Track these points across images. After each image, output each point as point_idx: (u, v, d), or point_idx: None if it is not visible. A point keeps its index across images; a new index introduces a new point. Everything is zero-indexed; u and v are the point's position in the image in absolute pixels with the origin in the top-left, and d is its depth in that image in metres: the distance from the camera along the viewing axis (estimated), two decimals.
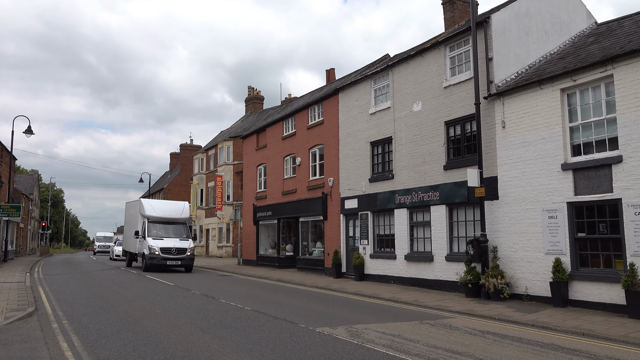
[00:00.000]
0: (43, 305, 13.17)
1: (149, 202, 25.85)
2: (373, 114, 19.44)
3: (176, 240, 24.50)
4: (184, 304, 13.29)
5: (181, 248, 24.13)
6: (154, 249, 23.65)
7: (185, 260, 24.07)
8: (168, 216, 25.37)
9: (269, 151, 27.47)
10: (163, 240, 24.13)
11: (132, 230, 26.79)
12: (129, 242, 28.30)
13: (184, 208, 26.17)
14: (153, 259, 23.55)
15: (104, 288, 17.19)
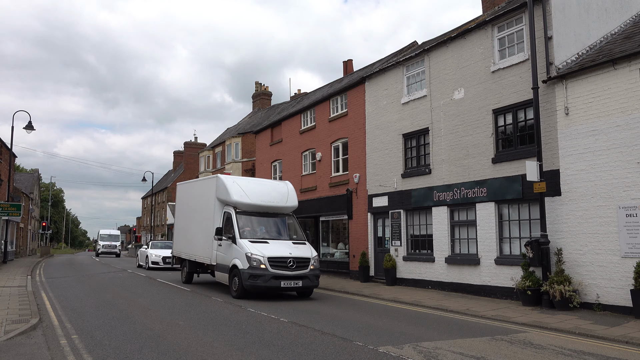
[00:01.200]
0: (48, 316, 11.57)
1: (235, 182, 15.77)
2: (406, 104, 17.85)
3: (288, 244, 14.74)
4: (206, 313, 11.69)
5: (301, 258, 14.14)
6: (258, 260, 13.70)
7: (308, 279, 14.16)
8: (268, 203, 15.50)
9: (285, 146, 25.86)
10: (269, 245, 14.31)
11: (192, 225, 17.85)
12: (189, 243, 18.00)
13: (288, 191, 16.40)
14: (257, 277, 13.57)
15: (113, 294, 15.59)
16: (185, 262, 18.65)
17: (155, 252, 26.97)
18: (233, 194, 15.13)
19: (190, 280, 18.77)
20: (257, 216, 15.39)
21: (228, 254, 14.64)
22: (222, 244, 15.12)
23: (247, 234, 14.69)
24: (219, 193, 15.62)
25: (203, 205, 16.78)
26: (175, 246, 19.96)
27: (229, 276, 14.54)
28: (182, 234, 19.04)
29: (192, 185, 19.13)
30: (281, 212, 15.93)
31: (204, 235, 16.46)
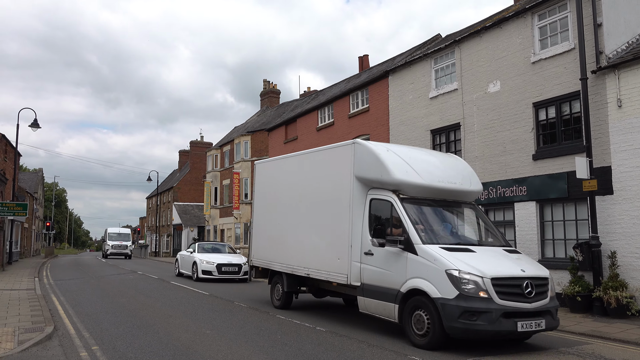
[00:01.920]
0: (63, 323, 10.73)
1: (391, 150, 9.81)
2: (434, 98, 16.98)
3: (502, 253, 8.93)
4: (232, 320, 10.82)
5: (538, 278, 8.27)
6: (474, 283, 7.74)
7: (550, 315, 8.29)
8: (450, 185, 9.70)
9: (301, 144, 24.98)
10: (478, 256, 8.42)
11: (295, 222, 11.82)
12: (290, 249, 12.08)
13: (466, 167, 10.66)
14: (475, 313, 7.63)
15: (128, 298, 14.73)
16: (280, 277, 12.35)
17: (207, 258, 20.54)
18: (393, 170, 8.98)
19: (289, 303, 12.43)
20: (434, 206, 9.32)
21: (395, 269, 8.54)
22: (376, 252, 8.95)
23: (433, 237, 8.59)
24: (361, 169, 9.52)
25: (323, 190, 10.60)
26: (256, 251, 13.66)
27: (398, 308, 8.42)
28: (271, 234, 12.84)
29: (292, 162, 12.41)
30: (464, 199, 9.92)
31: (326, 237, 10.32)
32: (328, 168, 10.67)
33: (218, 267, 20.08)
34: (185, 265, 21.90)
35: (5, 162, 36.95)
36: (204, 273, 20.04)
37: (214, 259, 20.40)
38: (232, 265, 20.39)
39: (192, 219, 54.71)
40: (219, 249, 22.60)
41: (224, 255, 21.21)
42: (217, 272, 20.01)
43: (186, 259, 21.99)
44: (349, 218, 9.61)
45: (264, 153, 38.35)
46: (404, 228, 8.58)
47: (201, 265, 20.20)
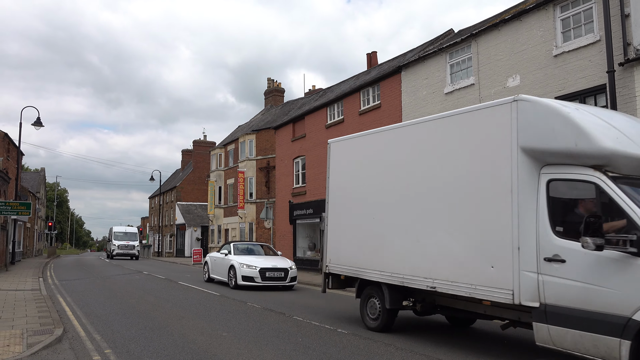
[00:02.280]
0: (72, 325, 10.32)
1: (581, 109, 6.73)
2: (449, 94, 16.56)
3: None
4: (249, 321, 10.42)
5: None
6: None
7: None
8: None
9: (309, 142, 24.58)
10: None
11: (401, 215, 8.85)
12: (393, 253, 8.99)
13: None
14: None
15: (136, 298, 14.32)
16: (378, 290, 9.47)
17: (247, 261, 16.96)
18: (598, 136, 6.11)
19: (391, 324, 9.49)
20: None
21: (618, 285, 5.60)
22: (573, 258, 6.02)
23: None
24: (533, 136, 6.62)
25: (458, 171, 7.73)
26: (334, 255, 10.65)
27: (630, 347, 5.39)
28: (361, 233, 9.80)
29: (394, 137, 9.27)
30: None
31: (466, 236, 7.48)
32: (467, 139, 7.63)
33: (261, 272, 16.37)
34: (219, 269, 18.31)
35: (8, 161, 36.57)
36: (244, 279, 16.41)
37: (256, 263, 16.67)
38: (278, 270, 16.71)
39: (196, 219, 54.31)
40: (254, 249, 19.05)
41: (266, 258, 17.62)
42: (260, 278, 16.36)
43: (219, 262, 18.31)
44: (510, 208, 6.62)
45: (269, 152, 37.95)
46: (631, 222, 5.57)
47: (241, 270, 16.51)
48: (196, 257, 33.70)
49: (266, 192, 37.74)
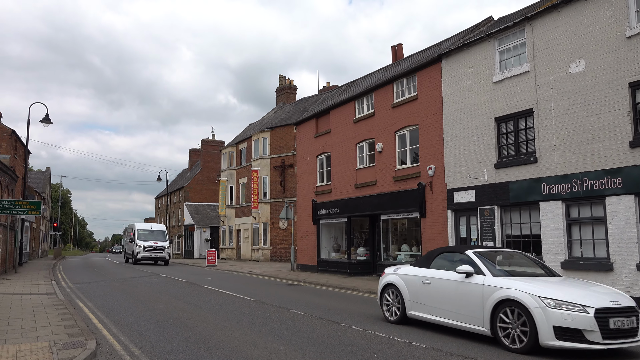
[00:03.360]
0: (102, 335, 9.10)
1: None
2: (499, 83, 15.32)
3: None
4: (303, 332, 9.18)
5: None
6: None
7: None
8: None
9: (335, 137, 23.34)
10: None
11: None
12: None
13: None
14: None
15: (164, 304, 13.09)
16: None
17: (558, 295, 7.34)
18: None
19: None
20: None
21: None
22: None
23: None
24: None
25: None
26: None
27: None
28: None
29: None
30: None
31: None
32: None
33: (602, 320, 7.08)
34: (439, 301, 9.12)
35: (15, 159, 35.36)
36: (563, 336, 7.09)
37: (582, 299, 7.28)
38: None
39: (205, 220, 53.09)
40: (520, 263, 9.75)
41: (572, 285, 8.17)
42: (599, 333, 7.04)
43: (438, 287, 9.12)
44: None
45: (284, 150, 36.77)
46: None
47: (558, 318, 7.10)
48: (210, 258, 32.45)
49: (281, 192, 36.55)
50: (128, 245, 37.90)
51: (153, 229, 36.35)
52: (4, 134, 33.98)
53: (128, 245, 37.90)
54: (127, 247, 38.31)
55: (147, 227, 36.64)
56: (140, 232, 35.32)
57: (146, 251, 33.24)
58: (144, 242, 33.80)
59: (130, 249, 35.95)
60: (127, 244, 38.46)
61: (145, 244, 33.49)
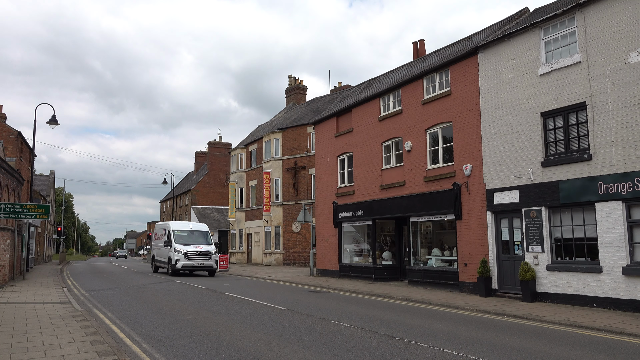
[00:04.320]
0: (134, 353, 8.14)
1: None
2: (545, 75, 14.30)
3: None
4: (364, 350, 8.15)
5: None
6: None
7: None
8: None
9: (358, 137, 22.32)
10: None
11: None
12: None
13: None
14: None
15: (191, 314, 12.06)
16: None
17: None
18: None
19: None
20: None
21: None
22: None
23: None
24: None
25: None
26: None
27: None
28: None
29: None
30: None
31: None
32: None
33: None
34: None
35: (21, 162, 34.40)
36: None
37: None
38: None
39: (212, 223, 52.03)
40: None
41: None
42: None
43: None
44: None
45: (296, 151, 35.77)
46: None
47: None
48: (222, 263, 31.38)
49: (294, 194, 35.53)
50: (160, 250, 28.75)
51: (193, 229, 28.25)
52: (10, 135, 33.01)
53: (160, 250, 28.75)
54: (158, 252, 29.20)
55: (186, 227, 28.58)
56: (177, 233, 27.11)
57: (188, 258, 25.53)
58: (185, 246, 26.00)
59: (164, 255, 27.53)
60: (158, 249, 29.19)
61: (186, 249, 25.72)
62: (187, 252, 25.57)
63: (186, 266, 25.47)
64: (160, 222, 32.68)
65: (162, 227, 29.70)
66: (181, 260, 25.44)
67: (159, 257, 28.87)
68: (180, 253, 25.58)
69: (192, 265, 25.59)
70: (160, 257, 28.68)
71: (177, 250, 25.70)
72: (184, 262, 25.38)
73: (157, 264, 29.46)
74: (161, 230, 29.64)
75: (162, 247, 27.94)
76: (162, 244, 28.10)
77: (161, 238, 28.84)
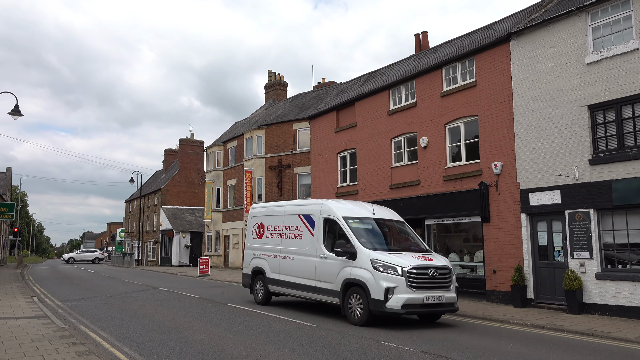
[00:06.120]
0: None
1: None
2: (593, 64, 13.00)
3: None
4: None
5: None
6: None
7: None
8: None
9: (362, 132, 20.66)
10: None
11: None
12: None
13: None
14: None
15: (206, 334, 10.07)
16: None
17: None
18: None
19: None
20: None
21: None
22: None
23: None
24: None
25: None
26: None
27: None
28: None
29: None
30: None
31: None
32: None
33: None
34: None
35: None
36: None
37: None
38: None
39: (184, 224, 49.44)
40: None
41: None
42: None
43: None
44: None
45: (281, 149, 33.86)
46: None
47: None
48: (202, 267, 29.22)
49: (278, 194, 33.57)
50: (285, 259, 13.90)
51: (380, 218, 13.29)
52: None
53: (285, 259, 13.90)
54: (284, 264, 13.93)
55: (364, 213, 13.11)
56: (354, 225, 12.41)
57: (415, 286, 10.99)
58: (393, 255, 11.50)
59: (311, 270, 12.90)
60: (283, 256, 14.04)
61: (408, 264, 11.10)
62: (413, 271, 11.04)
63: (412, 304, 10.92)
64: (270, 204, 16.62)
65: (291, 212, 14.16)
66: (400, 290, 10.88)
67: (287, 272, 13.71)
68: (395, 273, 11.01)
69: (425, 302, 11.06)
70: (288, 272, 13.65)
71: (380, 266, 11.16)
72: (407, 295, 10.86)
73: (277, 287, 14.12)
74: (289, 217, 14.10)
75: (303, 252, 13.23)
76: (295, 246, 13.58)
77: (284, 235, 14.09)
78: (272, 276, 14.18)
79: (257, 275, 14.94)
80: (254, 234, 15.46)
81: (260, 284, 14.76)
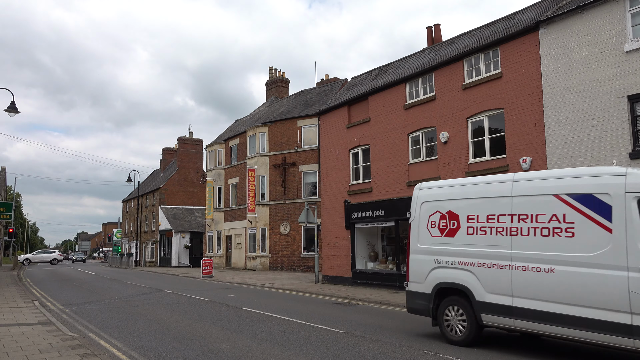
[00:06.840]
0: None
1: None
2: (634, 52, 12.26)
3: None
4: None
5: None
6: None
7: None
8: None
9: (376, 127, 19.87)
10: None
11: None
12: None
13: None
14: None
15: (228, 342, 9.25)
16: None
17: None
18: None
19: None
20: None
21: None
22: None
23: None
24: None
25: None
26: None
27: None
28: None
29: None
30: None
31: None
32: None
33: None
34: None
35: None
36: None
37: None
38: None
39: (183, 224, 48.49)
40: None
41: None
42: None
43: None
44: None
45: (285, 146, 33.03)
46: None
47: None
48: (206, 268, 28.34)
49: (282, 193, 32.74)
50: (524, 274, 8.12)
51: None
52: None
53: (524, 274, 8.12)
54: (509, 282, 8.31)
55: None
56: None
57: None
58: None
59: None
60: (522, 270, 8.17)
61: None
62: None
63: None
64: (466, 180, 10.29)
65: (533, 192, 8.23)
66: None
67: (535, 294, 7.91)
68: None
69: None
70: (540, 294, 7.83)
71: None
72: None
73: (506, 318, 8.35)
74: (530, 199, 8.25)
75: (581, 260, 7.37)
76: (555, 250, 7.74)
77: (516, 230, 8.31)
78: (492, 299, 8.49)
79: (447, 297, 9.35)
80: (432, 228, 9.76)
81: (459, 311, 9.11)
